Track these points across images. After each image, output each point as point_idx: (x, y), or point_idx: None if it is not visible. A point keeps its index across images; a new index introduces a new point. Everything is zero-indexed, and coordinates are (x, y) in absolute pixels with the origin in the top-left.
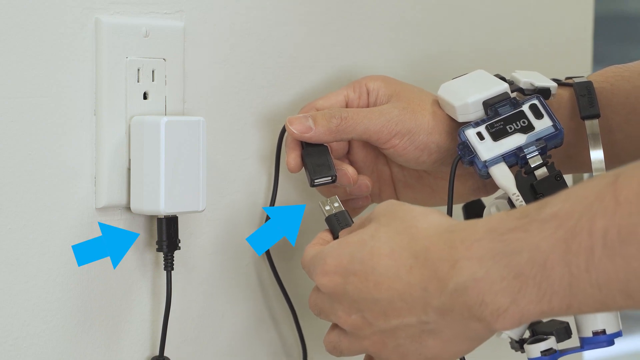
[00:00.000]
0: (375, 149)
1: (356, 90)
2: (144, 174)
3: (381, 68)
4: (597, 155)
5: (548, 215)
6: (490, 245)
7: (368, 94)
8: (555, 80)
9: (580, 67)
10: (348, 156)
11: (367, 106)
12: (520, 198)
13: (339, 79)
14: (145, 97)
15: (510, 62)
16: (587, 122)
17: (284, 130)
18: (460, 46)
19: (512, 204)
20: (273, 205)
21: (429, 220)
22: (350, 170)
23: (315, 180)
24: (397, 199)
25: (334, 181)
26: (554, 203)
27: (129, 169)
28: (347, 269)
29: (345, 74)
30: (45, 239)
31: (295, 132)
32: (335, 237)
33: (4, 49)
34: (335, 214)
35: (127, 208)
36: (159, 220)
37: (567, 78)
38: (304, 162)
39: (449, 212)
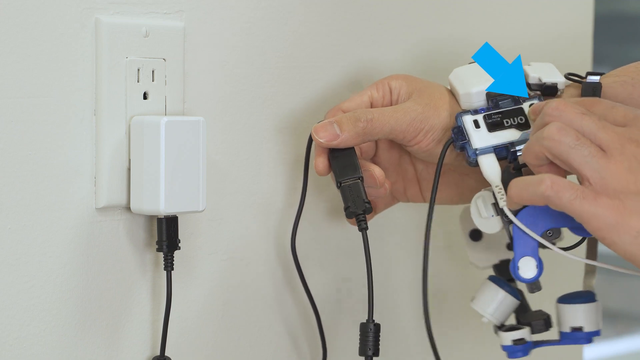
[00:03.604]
0: (399, 149)
1: (379, 90)
2: (144, 174)
3: (381, 67)
4: None
5: None
6: None
7: (391, 93)
8: (570, 76)
9: (580, 67)
10: (374, 158)
11: (390, 104)
12: (503, 191)
13: (339, 78)
14: (145, 97)
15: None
16: None
17: (310, 141)
18: (460, 48)
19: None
20: (300, 211)
21: None
22: (377, 171)
23: (342, 183)
24: (422, 196)
25: (360, 181)
26: None
27: (129, 169)
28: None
29: (346, 74)
30: (45, 239)
31: (322, 141)
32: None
33: (4, 49)
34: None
35: (127, 208)
36: (159, 220)
37: (589, 73)
38: (330, 164)
39: (433, 199)
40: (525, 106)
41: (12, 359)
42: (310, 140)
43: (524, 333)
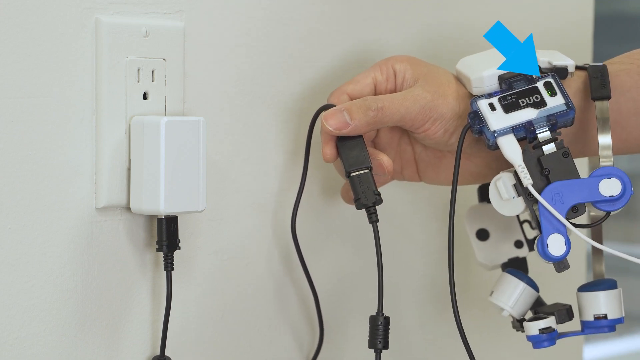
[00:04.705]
0: (400, 130)
1: (383, 73)
2: (144, 174)
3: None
4: (605, 139)
5: None
6: None
7: (395, 76)
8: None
9: None
10: (375, 138)
11: (395, 88)
12: (526, 170)
13: (339, 78)
14: (145, 97)
15: None
16: (598, 105)
17: (313, 122)
18: (459, 46)
19: (518, 177)
20: (300, 197)
21: None
22: (385, 160)
23: (351, 173)
24: (419, 176)
25: (369, 172)
26: None
27: (129, 169)
28: None
29: (346, 73)
30: (45, 239)
31: (331, 129)
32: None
33: (4, 49)
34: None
35: (127, 208)
36: (159, 220)
37: (586, 64)
38: (339, 152)
39: (455, 182)
40: (540, 84)
41: (12, 359)
42: (312, 125)
43: (550, 321)
